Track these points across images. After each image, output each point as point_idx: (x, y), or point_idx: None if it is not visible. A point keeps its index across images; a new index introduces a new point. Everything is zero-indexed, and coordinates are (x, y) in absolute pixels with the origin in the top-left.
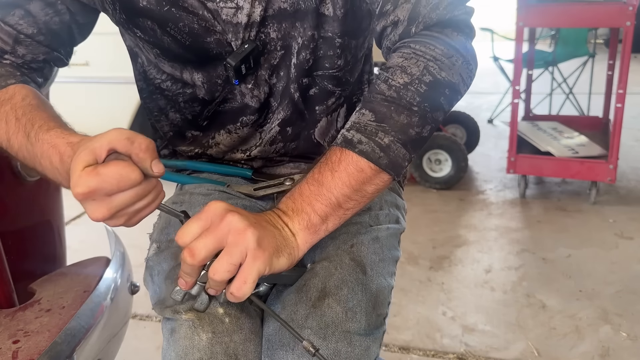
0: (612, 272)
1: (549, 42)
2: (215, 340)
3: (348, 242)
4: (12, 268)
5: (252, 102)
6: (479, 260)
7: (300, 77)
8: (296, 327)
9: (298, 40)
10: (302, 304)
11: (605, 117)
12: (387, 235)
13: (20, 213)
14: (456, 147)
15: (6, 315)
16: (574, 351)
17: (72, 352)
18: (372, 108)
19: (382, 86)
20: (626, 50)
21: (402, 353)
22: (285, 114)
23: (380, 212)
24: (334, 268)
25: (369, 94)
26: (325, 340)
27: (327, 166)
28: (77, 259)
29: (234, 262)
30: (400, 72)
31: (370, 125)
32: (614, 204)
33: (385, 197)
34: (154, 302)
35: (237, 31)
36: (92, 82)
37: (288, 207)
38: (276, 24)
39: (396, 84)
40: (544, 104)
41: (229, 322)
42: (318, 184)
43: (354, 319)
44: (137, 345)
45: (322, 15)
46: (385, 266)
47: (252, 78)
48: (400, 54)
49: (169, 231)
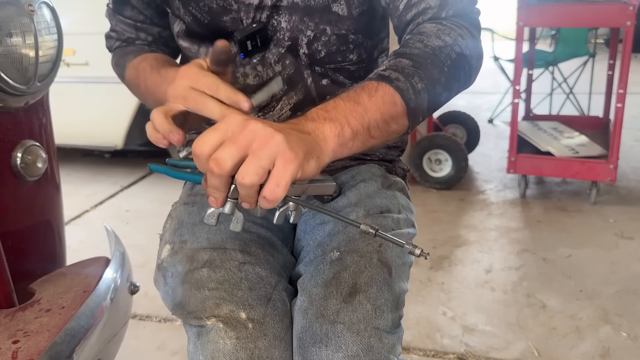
0: (612, 272)
1: (549, 42)
2: (239, 345)
3: (377, 241)
4: (12, 268)
5: (254, 81)
6: (479, 260)
7: (313, 66)
8: (327, 322)
9: (307, 33)
10: (333, 299)
11: (606, 117)
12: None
13: (20, 213)
14: (456, 147)
15: (6, 315)
16: (574, 351)
17: (72, 352)
18: (409, 56)
19: (417, 44)
20: (626, 50)
21: (402, 353)
22: (298, 99)
23: (400, 215)
24: (363, 265)
25: (402, 48)
26: (359, 335)
27: (364, 90)
28: (77, 259)
29: (263, 165)
30: (434, 37)
31: (408, 68)
32: (614, 204)
33: (401, 201)
34: (170, 305)
35: (248, 11)
36: (92, 82)
37: (319, 115)
38: (287, 15)
39: (432, 44)
40: (544, 104)
41: (252, 328)
42: (354, 102)
43: (382, 317)
44: (137, 345)
45: (334, 13)
46: (405, 270)
47: (259, 58)
48: (433, 25)
49: (182, 232)
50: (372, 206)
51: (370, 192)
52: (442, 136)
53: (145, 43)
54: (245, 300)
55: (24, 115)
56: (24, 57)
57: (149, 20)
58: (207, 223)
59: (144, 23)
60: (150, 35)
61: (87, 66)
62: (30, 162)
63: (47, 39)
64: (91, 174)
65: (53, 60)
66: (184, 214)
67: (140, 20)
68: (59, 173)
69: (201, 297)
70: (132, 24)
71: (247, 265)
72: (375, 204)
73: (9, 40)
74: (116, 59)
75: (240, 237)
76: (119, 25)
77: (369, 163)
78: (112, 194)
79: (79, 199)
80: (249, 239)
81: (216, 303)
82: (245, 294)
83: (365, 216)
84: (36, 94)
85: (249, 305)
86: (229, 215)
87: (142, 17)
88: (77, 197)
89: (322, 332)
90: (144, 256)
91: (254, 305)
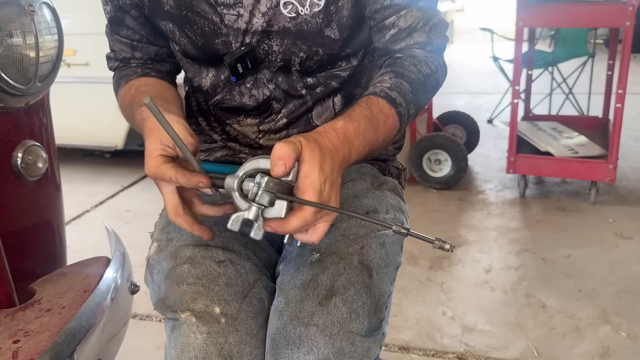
0: (612, 272)
1: (548, 42)
2: (209, 340)
3: (359, 243)
4: (12, 268)
5: (249, 101)
6: (479, 260)
7: (305, 78)
8: (302, 324)
9: (300, 54)
10: (309, 301)
11: (605, 117)
12: (392, 241)
13: (21, 213)
14: (456, 147)
15: (6, 315)
16: (574, 351)
17: (72, 352)
18: (408, 80)
19: (412, 68)
20: (626, 50)
21: (402, 353)
22: (295, 107)
23: (387, 216)
24: (342, 268)
25: (399, 68)
26: (331, 338)
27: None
28: (77, 259)
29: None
30: (424, 64)
31: (408, 94)
32: (613, 204)
33: (391, 201)
34: (154, 300)
35: (237, 35)
36: (92, 82)
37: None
38: (279, 39)
39: (423, 71)
40: (544, 104)
41: (224, 323)
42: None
43: (357, 320)
44: (137, 345)
45: (327, 37)
46: (389, 272)
47: (252, 79)
48: (422, 52)
49: (169, 230)
50: (357, 206)
51: (358, 192)
52: (441, 136)
53: (141, 63)
54: (221, 295)
55: (25, 115)
56: (24, 58)
57: (145, 39)
58: (230, 228)
59: (140, 42)
60: (146, 54)
61: (87, 66)
62: (30, 162)
63: (48, 39)
64: (91, 174)
65: (53, 60)
66: None
67: (136, 39)
68: (59, 173)
69: (180, 291)
70: (128, 43)
71: (227, 262)
72: (362, 203)
73: (10, 40)
74: (113, 82)
75: (224, 234)
76: (116, 45)
77: (361, 162)
78: (112, 194)
79: (79, 199)
80: (232, 236)
81: (192, 297)
82: (221, 289)
83: (349, 217)
84: (37, 94)
85: (224, 301)
86: (253, 221)
87: (137, 36)
88: (78, 197)
89: (296, 334)
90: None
91: (229, 301)
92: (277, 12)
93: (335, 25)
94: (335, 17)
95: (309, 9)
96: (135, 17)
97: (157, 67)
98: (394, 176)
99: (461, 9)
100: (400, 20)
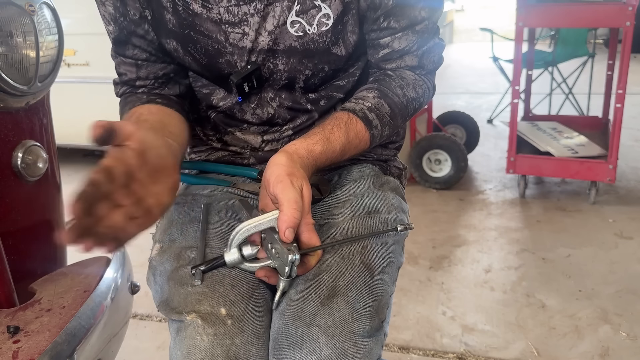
0: (611, 272)
1: (548, 42)
2: (216, 342)
3: (360, 243)
4: (12, 268)
5: (252, 118)
6: (479, 260)
7: (308, 94)
8: (304, 325)
9: (305, 72)
10: (311, 301)
11: (605, 117)
12: (394, 241)
13: (21, 213)
14: (456, 147)
15: (6, 315)
16: (574, 351)
17: (72, 352)
18: (389, 103)
19: (397, 90)
20: (626, 51)
21: (402, 353)
22: (301, 121)
23: (389, 216)
24: (344, 267)
25: (385, 88)
26: (333, 339)
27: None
28: (78, 258)
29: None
30: (411, 88)
31: (386, 117)
32: (613, 203)
33: (392, 201)
34: (157, 302)
35: (242, 54)
36: (92, 82)
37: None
38: (285, 57)
39: (408, 95)
40: (544, 104)
41: (231, 324)
42: (341, 152)
43: (359, 320)
44: (137, 345)
45: (334, 54)
46: (390, 272)
47: (256, 98)
48: (412, 74)
49: (172, 231)
50: (359, 206)
51: (360, 192)
52: (441, 136)
53: (147, 86)
54: (226, 296)
55: (25, 115)
56: (24, 58)
57: (153, 57)
58: (283, 280)
59: (146, 60)
60: (151, 73)
61: (87, 66)
62: (31, 162)
63: (48, 39)
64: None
65: (54, 60)
66: (174, 214)
67: (143, 58)
68: (59, 173)
69: (184, 293)
70: (133, 63)
71: None
72: (364, 204)
73: (10, 40)
74: (119, 109)
75: (227, 235)
76: (122, 67)
77: (362, 163)
78: None
79: None
80: None
81: (198, 299)
82: (227, 290)
83: (351, 217)
84: (37, 94)
85: (230, 302)
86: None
87: (145, 55)
88: None
89: (298, 334)
90: (145, 256)
91: (235, 302)
92: (284, 31)
93: (341, 42)
94: (342, 35)
95: (317, 28)
96: (143, 34)
97: (164, 91)
98: (395, 176)
99: (461, 9)
100: (395, 42)
